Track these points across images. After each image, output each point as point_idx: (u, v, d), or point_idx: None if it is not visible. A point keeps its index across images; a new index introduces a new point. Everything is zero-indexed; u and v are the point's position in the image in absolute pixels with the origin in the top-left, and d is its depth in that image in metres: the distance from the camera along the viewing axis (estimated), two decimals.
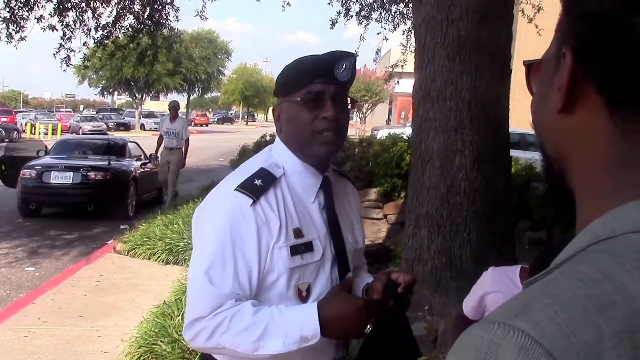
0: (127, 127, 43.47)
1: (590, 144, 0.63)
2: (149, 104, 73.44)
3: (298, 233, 1.62)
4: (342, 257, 1.73)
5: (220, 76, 51.49)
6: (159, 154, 11.80)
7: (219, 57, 48.59)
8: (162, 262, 7.44)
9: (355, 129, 30.97)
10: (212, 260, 1.54)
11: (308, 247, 1.63)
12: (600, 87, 0.60)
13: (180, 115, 11.66)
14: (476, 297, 2.49)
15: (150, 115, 51.28)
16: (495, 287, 2.42)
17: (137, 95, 44.35)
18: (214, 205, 1.62)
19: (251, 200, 1.57)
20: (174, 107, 11.50)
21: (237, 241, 1.55)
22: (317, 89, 1.64)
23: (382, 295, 1.67)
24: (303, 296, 1.63)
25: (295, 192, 1.67)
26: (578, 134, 0.63)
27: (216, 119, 77.53)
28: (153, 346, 4.42)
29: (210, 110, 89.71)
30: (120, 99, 77.62)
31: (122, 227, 9.46)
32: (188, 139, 11.47)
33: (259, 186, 1.60)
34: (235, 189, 1.59)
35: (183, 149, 11.38)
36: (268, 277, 1.59)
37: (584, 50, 0.61)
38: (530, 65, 0.72)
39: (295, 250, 1.60)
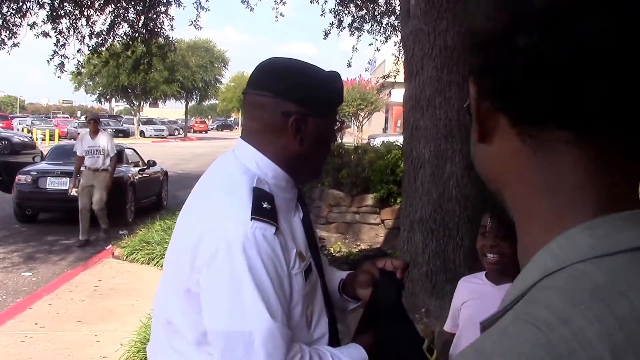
0: (126, 133, 43.38)
1: (511, 169, 0.62)
2: (148, 111, 73.52)
3: (302, 256, 1.48)
4: (320, 268, 1.62)
5: (218, 84, 51.58)
6: (79, 179, 9.26)
7: (216, 65, 48.69)
8: (161, 267, 7.44)
9: (353, 137, 31.04)
10: (269, 303, 1.34)
11: (310, 268, 1.50)
12: (498, 106, 0.60)
13: (101, 129, 9.63)
14: (451, 309, 2.58)
15: (149, 122, 51.36)
16: (466, 297, 2.50)
17: (134, 102, 44.37)
18: (234, 241, 1.35)
19: (274, 228, 1.39)
20: (93, 120, 9.45)
21: (273, 276, 1.36)
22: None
23: (373, 286, 1.64)
24: (309, 321, 1.51)
25: (281, 209, 1.47)
26: (500, 161, 0.63)
27: (215, 126, 77.70)
28: None
29: (209, 117, 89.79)
30: (119, 105, 77.57)
31: (120, 232, 9.50)
32: (115, 155, 9.49)
33: (270, 210, 1.41)
34: (252, 218, 1.37)
35: (110, 170, 9.34)
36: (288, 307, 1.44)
37: (480, 74, 0.62)
38: (469, 106, 0.70)
39: (306, 275, 1.47)
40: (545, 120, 0.57)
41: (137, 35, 10.90)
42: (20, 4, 9.73)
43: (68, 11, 10.20)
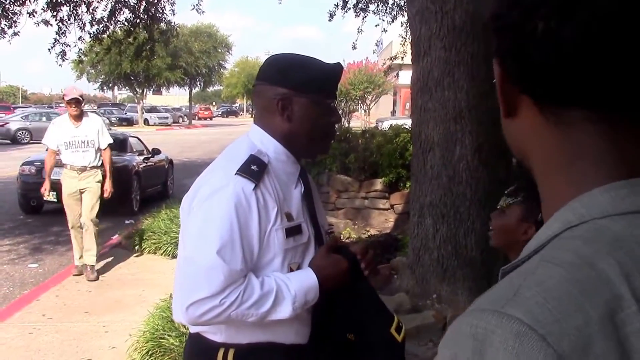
0: (129, 122, 43.39)
1: (535, 141, 0.69)
2: (151, 99, 73.54)
3: (289, 216, 1.77)
4: (320, 239, 1.90)
5: (222, 70, 51.49)
6: (60, 180, 6.98)
7: (219, 50, 48.60)
8: (168, 256, 7.51)
9: (361, 121, 30.92)
10: (223, 241, 1.64)
11: (298, 229, 1.79)
12: (522, 88, 0.67)
13: (85, 111, 7.08)
14: None
15: (153, 109, 51.35)
16: None
17: (137, 89, 44.38)
18: (217, 189, 1.68)
19: (253, 185, 1.68)
20: (75, 100, 6.65)
21: (242, 223, 1.66)
22: (335, 96, 1.90)
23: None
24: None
25: (280, 179, 1.78)
26: (525, 133, 0.70)
27: (220, 112, 77.66)
28: (161, 340, 4.47)
29: (214, 103, 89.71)
30: (122, 93, 77.67)
31: (126, 222, 9.54)
32: (108, 147, 6.94)
33: (256, 171, 1.70)
34: (236, 173, 1.68)
35: (107, 167, 6.97)
36: (264, 257, 1.73)
37: (505, 57, 0.68)
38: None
39: (289, 233, 1.76)
40: (564, 100, 0.64)
41: (138, 21, 10.85)
42: None
43: None
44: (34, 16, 9.89)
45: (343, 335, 1.82)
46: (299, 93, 1.77)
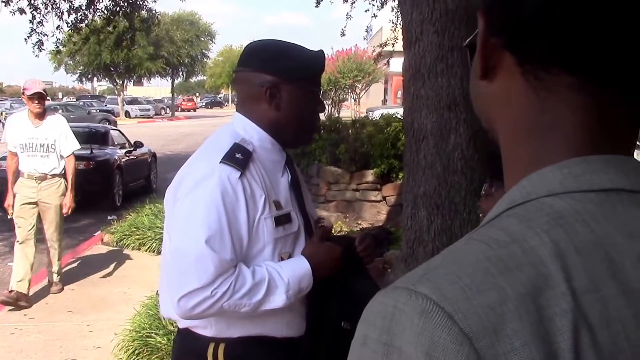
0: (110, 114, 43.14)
1: (508, 109, 0.65)
2: (132, 90, 73.16)
3: (278, 205, 1.79)
4: (309, 228, 1.92)
5: (205, 59, 51.32)
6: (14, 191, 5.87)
7: (202, 39, 48.42)
8: (153, 252, 7.50)
9: (351, 110, 30.89)
10: (211, 231, 1.64)
11: (287, 218, 1.81)
12: (506, 44, 0.63)
13: (51, 109, 6.64)
14: None
15: (134, 101, 51.07)
16: None
17: (118, 81, 44.12)
18: (202, 179, 1.69)
19: (239, 173, 1.69)
20: (38, 95, 5.81)
21: (229, 212, 1.66)
22: (320, 84, 1.93)
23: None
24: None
25: (266, 167, 1.80)
26: (499, 98, 0.66)
27: (204, 103, 77.29)
28: (148, 339, 4.47)
29: (198, 94, 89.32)
30: (101, 85, 77.16)
31: (109, 218, 9.49)
32: (72, 155, 6.06)
33: (241, 159, 1.71)
34: (221, 162, 1.69)
35: (69, 178, 6.01)
36: (254, 247, 1.74)
37: (492, 8, 0.64)
38: (471, 46, 0.73)
39: (278, 221, 1.77)
40: (552, 62, 0.60)
41: (118, 9, 10.77)
42: None
43: None
44: (9, 4, 9.78)
45: (338, 325, 1.83)
46: (287, 80, 1.79)
